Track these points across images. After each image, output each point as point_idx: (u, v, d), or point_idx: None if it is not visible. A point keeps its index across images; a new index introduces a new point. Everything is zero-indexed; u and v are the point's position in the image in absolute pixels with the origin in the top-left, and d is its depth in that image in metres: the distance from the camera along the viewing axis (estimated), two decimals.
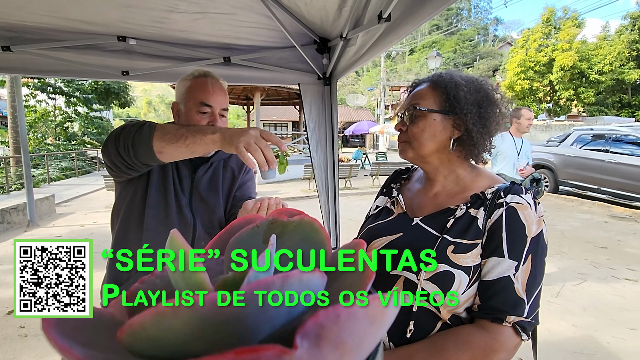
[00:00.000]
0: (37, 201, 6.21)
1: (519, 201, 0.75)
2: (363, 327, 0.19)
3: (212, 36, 1.75)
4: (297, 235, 0.32)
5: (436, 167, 0.86)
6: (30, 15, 1.51)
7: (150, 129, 0.89)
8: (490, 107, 0.81)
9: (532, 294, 0.71)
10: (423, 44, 68.07)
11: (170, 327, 0.19)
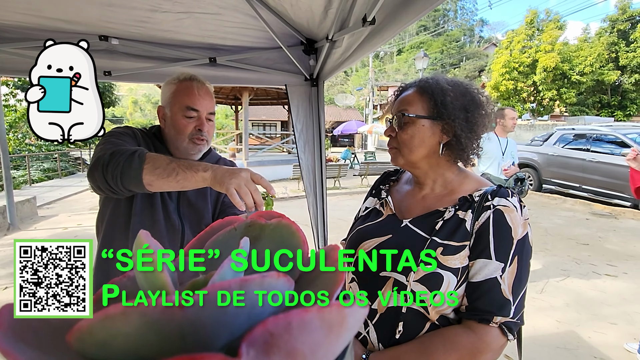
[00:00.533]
0: (18, 204, 6.03)
1: (505, 204, 0.76)
2: (318, 335, 0.18)
3: (197, 36, 1.73)
4: (275, 238, 0.32)
5: (425, 171, 0.87)
6: (8, 14, 1.47)
7: (140, 160, 0.86)
8: (477, 110, 0.82)
9: (518, 295, 0.73)
10: (411, 44, 68.70)
11: (120, 331, 0.18)
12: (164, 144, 1.14)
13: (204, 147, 1.13)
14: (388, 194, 0.96)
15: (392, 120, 0.88)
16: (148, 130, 1.16)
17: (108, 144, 0.96)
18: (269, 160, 11.37)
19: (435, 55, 63.13)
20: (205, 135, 1.10)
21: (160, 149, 1.11)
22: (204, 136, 1.09)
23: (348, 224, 1.04)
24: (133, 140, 1.05)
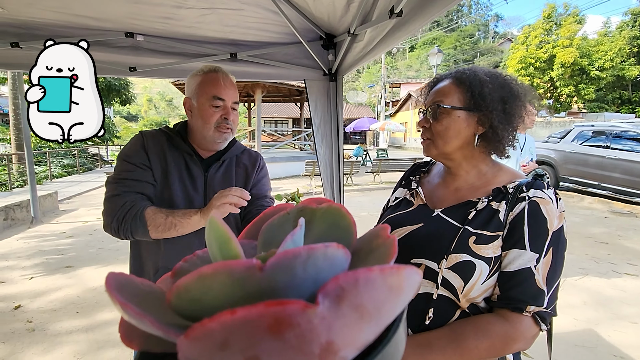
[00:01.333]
0: (41, 198, 6.23)
1: (541, 196, 0.76)
2: (381, 293, 0.19)
3: (219, 32, 1.76)
4: (326, 221, 0.34)
5: (459, 162, 0.87)
6: (39, 12, 1.52)
7: (142, 224, 1.01)
8: (515, 102, 0.82)
9: (552, 285, 0.73)
10: (424, 40, 67.84)
11: (210, 288, 0.21)
12: (187, 140, 1.18)
13: (229, 136, 1.17)
14: (418, 184, 0.97)
15: (425, 112, 0.88)
16: (172, 128, 1.20)
17: (110, 193, 1.08)
18: (281, 157, 11.43)
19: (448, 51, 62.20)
20: (230, 123, 1.14)
21: (180, 145, 1.15)
22: (229, 124, 1.14)
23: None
24: (142, 155, 1.11)
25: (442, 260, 0.76)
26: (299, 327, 0.17)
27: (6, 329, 2.78)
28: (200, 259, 0.33)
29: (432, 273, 0.78)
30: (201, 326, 0.18)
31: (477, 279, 0.74)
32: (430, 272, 0.78)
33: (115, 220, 1.03)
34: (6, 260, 4.28)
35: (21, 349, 2.52)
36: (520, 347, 0.74)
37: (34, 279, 3.76)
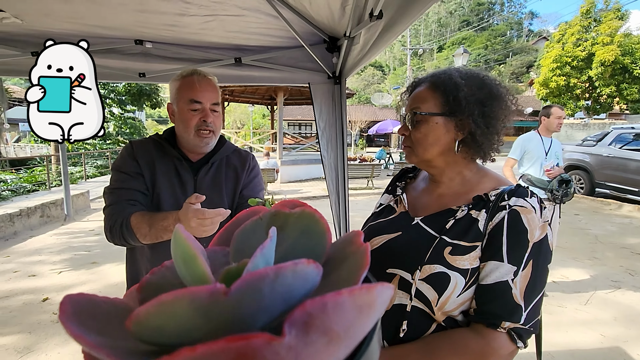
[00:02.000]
0: (74, 197, 6.62)
1: (522, 204, 0.72)
2: (351, 315, 0.19)
3: (223, 38, 1.80)
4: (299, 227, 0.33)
5: (442, 169, 0.84)
6: (55, 23, 1.62)
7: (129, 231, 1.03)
8: (494, 104, 0.78)
9: (531, 301, 0.69)
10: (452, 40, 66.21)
11: (172, 316, 0.20)
12: (175, 143, 1.20)
13: (211, 140, 1.17)
14: (403, 191, 0.94)
15: (405, 119, 0.86)
16: (161, 135, 1.23)
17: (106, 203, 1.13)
18: (303, 159, 11.49)
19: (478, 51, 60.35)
20: (210, 125, 1.14)
21: (169, 151, 1.17)
22: (209, 126, 1.13)
23: None
24: (132, 164, 1.14)
25: (416, 271, 0.74)
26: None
27: (33, 319, 2.96)
28: (169, 270, 0.32)
29: (406, 284, 0.75)
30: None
31: (452, 292, 0.71)
32: (404, 283, 0.75)
33: (108, 230, 1.08)
34: (39, 255, 4.57)
35: (45, 338, 2.67)
36: None
37: (62, 273, 3.99)
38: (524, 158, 3.32)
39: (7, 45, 1.75)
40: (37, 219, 5.92)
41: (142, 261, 1.20)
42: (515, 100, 0.83)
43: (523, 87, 48.82)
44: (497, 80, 0.83)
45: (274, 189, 9.65)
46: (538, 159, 3.20)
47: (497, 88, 0.80)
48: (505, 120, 0.80)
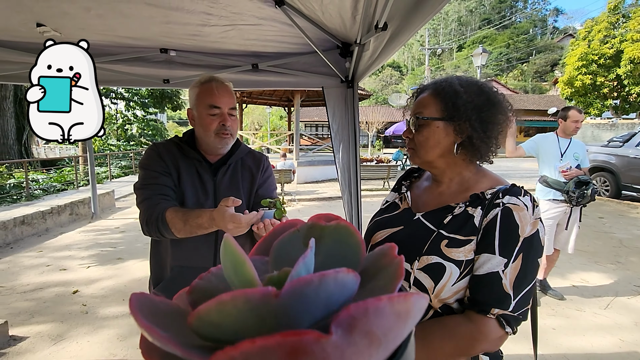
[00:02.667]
0: (100, 196, 6.94)
1: (515, 202, 0.78)
2: (390, 320, 0.21)
3: (241, 45, 1.90)
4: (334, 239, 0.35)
5: (443, 170, 0.90)
6: (89, 35, 1.76)
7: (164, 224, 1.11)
8: (491, 110, 0.84)
9: (520, 291, 0.74)
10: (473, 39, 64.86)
11: (229, 314, 0.23)
12: (195, 145, 1.29)
13: (229, 141, 1.26)
14: (408, 189, 1.01)
15: (409, 123, 0.93)
16: (181, 137, 1.32)
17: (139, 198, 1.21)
18: (319, 160, 11.58)
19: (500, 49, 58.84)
20: (229, 129, 1.22)
21: (190, 153, 1.26)
22: (228, 130, 1.22)
23: None
24: (159, 164, 1.23)
25: (414, 261, 0.80)
26: (313, 355, 0.19)
27: (64, 310, 3.16)
28: (215, 276, 0.35)
29: (406, 273, 0.82)
30: (224, 353, 0.19)
31: (447, 281, 0.77)
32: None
33: (145, 223, 1.16)
34: (69, 251, 4.84)
35: (75, 328, 2.86)
36: (485, 348, 0.76)
37: (90, 268, 4.22)
38: (540, 159, 3.29)
39: None
40: (67, 217, 6.25)
41: (165, 257, 1.30)
42: (511, 107, 0.89)
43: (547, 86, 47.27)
44: (494, 88, 0.88)
45: (291, 190, 9.78)
46: (552, 160, 3.16)
47: (495, 95, 0.86)
48: (502, 125, 0.85)
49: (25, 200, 6.59)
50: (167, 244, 1.27)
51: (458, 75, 0.93)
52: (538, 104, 28.98)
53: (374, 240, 0.94)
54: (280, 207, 1.10)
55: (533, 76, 54.19)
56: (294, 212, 7.47)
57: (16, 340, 2.66)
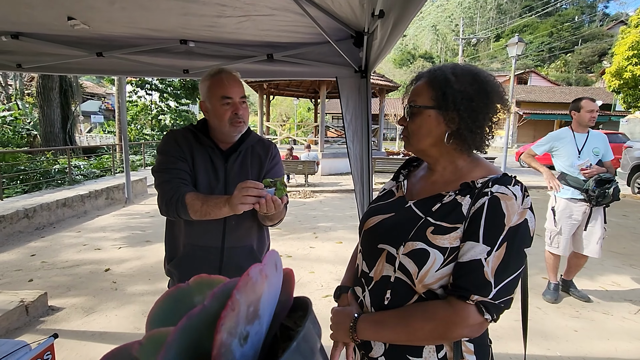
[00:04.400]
0: (133, 182, 7.34)
1: (504, 192, 0.77)
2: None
3: (256, 36, 1.94)
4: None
5: (436, 158, 0.91)
6: (114, 27, 1.87)
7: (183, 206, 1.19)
8: (483, 100, 0.83)
9: (502, 279, 0.74)
10: (512, 28, 61.54)
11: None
12: (208, 134, 1.36)
13: (242, 128, 1.32)
14: (405, 177, 1.02)
15: (404, 110, 0.93)
16: (196, 125, 1.39)
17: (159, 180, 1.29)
18: (343, 152, 11.55)
19: (542, 39, 55.48)
20: (241, 116, 1.29)
21: (204, 140, 1.34)
22: (240, 118, 1.29)
23: None
24: (177, 149, 1.30)
25: (400, 246, 0.82)
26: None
27: (97, 286, 3.41)
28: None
29: (392, 258, 0.84)
30: None
31: (431, 267, 0.78)
32: (390, 257, 0.84)
33: (164, 204, 1.24)
34: (104, 232, 5.18)
35: (105, 302, 3.09)
36: (464, 334, 0.77)
37: (121, 249, 4.51)
38: (555, 157, 3.11)
39: (78, 48, 2.05)
40: (103, 201, 6.68)
41: (179, 236, 1.38)
42: (506, 97, 0.87)
43: (593, 78, 44.11)
44: (490, 77, 0.87)
45: (314, 181, 9.85)
46: (569, 157, 2.96)
47: (489, 84, 0.84)
48: (491, 115, 0.84)
49: (67, 185, 7.10)
50: (182, 225, 1.35)
51: (456, 63, 0.92)
52: (582, 96, 27.11)
53: (366, 225, 0.96)
54: (281, 187, 1.12)
55: (578, 67, 50.75)
56: (316, 203, 7.55)
57: (54, 310, 2.92)
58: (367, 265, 0.91)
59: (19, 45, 2.06)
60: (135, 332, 2.62)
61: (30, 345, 1.18)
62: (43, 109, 10.82)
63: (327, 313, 0.96)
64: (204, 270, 1.46)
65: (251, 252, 1.40)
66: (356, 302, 0.94)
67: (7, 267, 3.85)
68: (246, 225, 1.37)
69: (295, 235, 5.13)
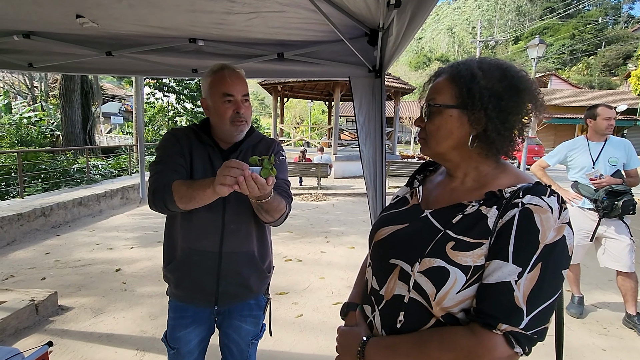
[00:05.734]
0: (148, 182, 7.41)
1: (537, 203, 0.66)
2: None
3: (265, 34, 1.87)
4: None
5: (457, 163, 0.81)
6: (123, 25, 1.84)
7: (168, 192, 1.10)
8: (513, 99, 0.73)
9: (536, 306, 0.64)
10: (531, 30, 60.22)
11: None
12: (209, 132, 1.30)
13: (244, 127, 1.26)
14: (421, 183, 0.93)
15: (422, 110, 0.84)
16: (198, 124, 1.34)
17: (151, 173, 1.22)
18: (357, 155, 11.43)
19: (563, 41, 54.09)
20: (243, 116, 1.22)
21: (205, 139, 1.28)
22: (242, 117, 1.22)
23: None
24: (176, 146, 1.24)
25: (415, 263, 0.72)
26: None
27: (107, 286, 3.41)
28: None
29: (406, 275, 0.74)
30: None
31: (451, 288, 0.68)
32: (404, 274, 0.75)
33: (152, 193, 1.16)
34: (117, 231, 5.23)
35: (114, 303, 3.07)
36: None
37: (133, 248, 4.52)
38: (568, 168, 2.93)
39: (88, 47, 2.03)
40: (118, 200, 6.76)
41: (176, 239, 1.32)
42: (542, 95, 0.76)
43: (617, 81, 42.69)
44: (522, 72, 0.76)
45: (327, 184, 9.77)
46: (582, 167, 2.78)
47: (521, 81, 0.74)
48: (524, 117, 0.74)
49: (85, 184, 7.23)
50: (179, 227, 1.29)
51: (483, 57, 0.81)
52: (605, 100, 26.25)
53: (377, 237, 0.87)
54: (268, 166, 0.99)
55: (601, 70, 49.19)
56: (328, 207, 7.46)
57: (63, 310, 2.92)
58: (378, 282, 0.82)
59: (30, 45, 2.06)
60: (141, 335, 2.59)
61: (24, 353, 1.13)
62: (65, 110, 11.14)
63: (338, 322, 0.89)
64: (200, 276, 1.35)
65: (252, 258, 1.32)
66: (365, 323, 0.84)
67: (22, 265, 3.90)
68: (246, 228, 1.30)
69: (306, 239, 5.05)
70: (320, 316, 2.93)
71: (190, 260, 1.27)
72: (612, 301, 3.15)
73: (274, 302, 3.14)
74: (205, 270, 1.27)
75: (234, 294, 1.33)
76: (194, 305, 1.34)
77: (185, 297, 1.33)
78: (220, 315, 1.37)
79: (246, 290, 1.34)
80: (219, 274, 1.27)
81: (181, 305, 1.34)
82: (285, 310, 3.02)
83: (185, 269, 1.28)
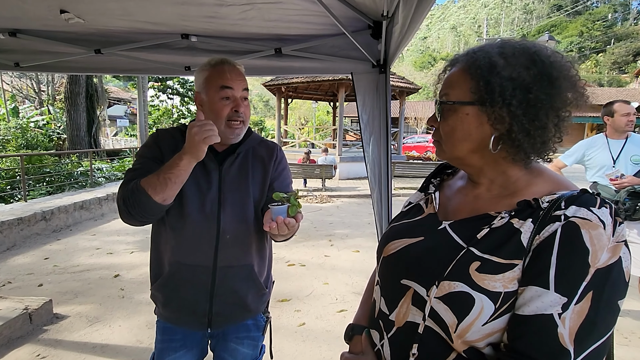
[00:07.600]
0: None
1: (585, 216, 0.53)
2: None
3: (262, 27, 1.76)
4: None
5: (479, 168, 0.68)
6: (110, 20, 1.73)
7: (140, 191, 0.98)
8: (546, 90, 0.59)
9: (587, 346, 0.50)
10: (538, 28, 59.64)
11: None
12: None
13: (241, 131, 1.14)
14: (437, 189, 0.79)
15: (435, 107, 0.71)
16: (189, 124, 1.20)
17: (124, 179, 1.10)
18: (362, 156, 11.31)
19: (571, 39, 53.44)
20: (241, 115, 1.11)
21: None
22: (240, 117, 1.11)
23: None
24: (155, 150, 1.13)
25: (432, 286, 0.59)
26: None
27: (105, 293, 3.32)
28: None
29: (420, 300, 0.62)
30: None
31: (477, 319, 0.55)
32: (418, 299, 0.62)
33: (122, 202, 1.02)
34: (118, 235, 5.15)
35: (110, 311, 2.97)
36: None
37: (133, 253, 4.44)
38: (587, 168, 2.77)
39: (76, 45, 1.93)
40: None
41: (164, 252, 1.19)
42: (582, 82, 0.62)
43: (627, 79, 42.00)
44: (557, 56, 0.62)
45: (332, 185, 9.64)
46: (602, 167, 2.61)
47: (554, 66, 0.60)
48: (561, 111, 0.60)
49: (89, 187, 7.19)
50: (167, 239, 1.16)
51: (505, 39, 0.67)
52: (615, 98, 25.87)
53: (386, 251, 0.73)
54: (295, 202, 0.98)
55: (610, 67, 48.48)
56: (333, 209, 7.32)
57: (58, 318, 2.83)
58: (387, 305, 0.69)
59: (17, 44, 1.96)
60: (137, 346, 2.48)
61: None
62: (70, 113, 11.17)
63: (342, 331, 0.82)
64: (191, 295, 1.21)
65: (250, 273, 1.18)
66: (372, 351, 0.71)
67: (19, 271, 3.83)
68: (244, 238, 1.16)
69: (310, 243, 4.92)
70: (324, 324, 2.80)
71: (179, 277, 1.14)
72: (633, 309, 2.97)
73: (275, 309, 3.02)
74: (196, 287, 1.13)
75: (230, 314, 1.19)
76: (185, 327, 1.21)
77: (174, 319, 1.20)
78: (214, 338, 1.24)
79: (243, 309, 1.20)
80: (213, 292, 1.13)
81: (170, 327, 1.21)
82: (287, 319, 2.90)
83: (173, 287, 1.15)
